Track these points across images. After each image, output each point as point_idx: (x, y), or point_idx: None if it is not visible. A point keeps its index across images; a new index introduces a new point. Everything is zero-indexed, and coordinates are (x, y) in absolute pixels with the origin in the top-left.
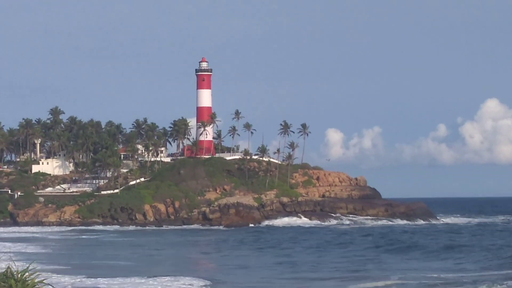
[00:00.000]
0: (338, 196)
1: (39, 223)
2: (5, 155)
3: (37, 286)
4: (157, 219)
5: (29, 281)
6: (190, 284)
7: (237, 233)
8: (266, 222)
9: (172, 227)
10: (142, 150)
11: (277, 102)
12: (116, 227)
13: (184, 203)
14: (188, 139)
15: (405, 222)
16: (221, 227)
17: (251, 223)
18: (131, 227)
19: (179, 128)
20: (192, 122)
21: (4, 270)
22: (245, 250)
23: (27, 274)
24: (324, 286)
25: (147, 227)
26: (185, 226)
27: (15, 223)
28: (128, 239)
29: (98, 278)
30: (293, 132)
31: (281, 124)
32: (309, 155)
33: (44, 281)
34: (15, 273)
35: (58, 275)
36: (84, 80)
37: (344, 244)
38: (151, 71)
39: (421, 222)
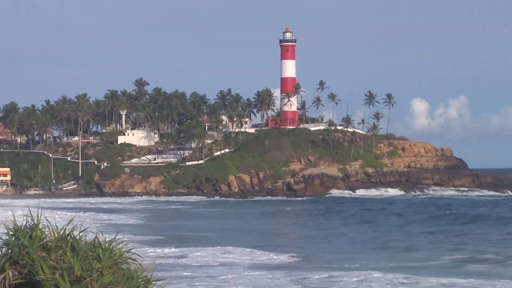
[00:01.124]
0: (423, 167)
1: (125, 194)
2: (91, 126)
3: (124, 255)
4: (241, 189)
5: (116, 251)
6: (278, 258)
7: (322, 204)
8: (351, 193)
9: (257, 198)
10: (226, 121)
11: (362, 72)
12: (201, 197)
13: (268, 173)
14: (273, 109)
15: (492, 192)
16: (305, 198)
17: (335, 194)
18: (216, 198)
19: (263, 99)
20: (276, 92)
21: (92, 240)
22: (330, 222)
23: (114, 244)
24: (416, 258)
25: (232, 198)
26: (269, 197)
27: (102, 193)
28: (213, 210)
29: (183, 248)
30: (378, 102)
31: (366, 94)
32: (394, 126)
33: (131, 251)
34: (102, 242)
35: (145, 246)
36: (169, 51)
37: (438, 216)
38: (235, 42)
39: (510, 193)
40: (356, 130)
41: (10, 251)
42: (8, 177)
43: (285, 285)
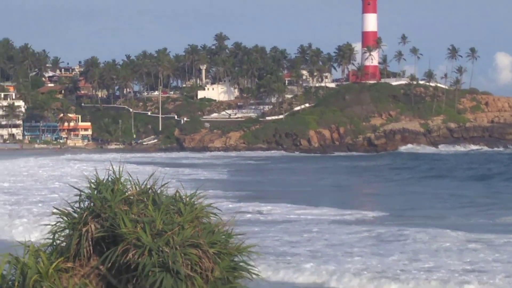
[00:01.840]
0: (507, 122)
1: (205, 149)
2: (171, 81)
3: (204, 210)
4: (321, 145)
5: (197, 205)
6: (358, 213)
7: (403, 159)
8: (433, 148)
9: (337, 153)
10: (306, 76)
11: (444, 25)
12: (281, 152)
13: (348, 129)
14: (353, 64)
15: None
16: (386, 153)
17: (417, 149)
18: (296, 153)
19: (344, 53)
20: (357, 47)
21: (173, 194)
22: (411, 177)
23: (195, 198)
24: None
25: (312, 153)
26: (349, 153)
27: (182, 148)
28: (293, 165)
29: (263, 203)
30: (461, 57)
31: (448, 49)
32: (477, 80)
33: (211, 205)
34: (183, 196)
35: (225, 200)
36: (248, 5)
37: None
38: None
39: None
40: (438, 84)
41: (92, 204)
42: (89, 132)
43: (364, 239)
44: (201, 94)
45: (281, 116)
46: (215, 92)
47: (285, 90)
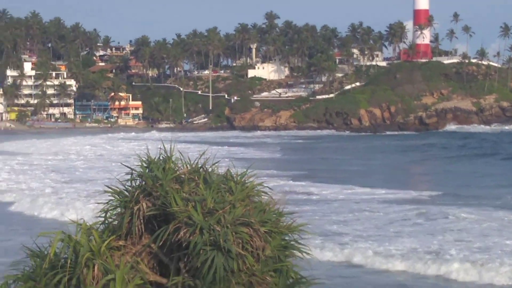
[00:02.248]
0: None
1: (255, 128)
2: (221, 60)
3: (256, 188)
4: (372, 124)
5: (248, 184)
6: (408, 193)
7: (455, 138)
8: (485, 127)
9: (388, 132)
10: (357, 54)
11: (497, 3)
12: (331, 131)
13: (399, 107)
14: (404, 42)
15: None
16: (437, 132)
17: (469, 128)
18: (346, 132)
19: (395, 32)
20: (409, 25)
21: (224, 172)
22: (466, 156)
23: (246, 176)
24: None
25: (362, 133)
26: (400, 132)
27: (232, 127)
28: (343, 144)
29: (314, 183)
30: None
31: (501, 27)
32: None
33: (262, 184)
34: (234, 175)
35: (276, 179)
36: None
37: None
38: None
39: None
40: (490, 63)
41: (144, 183)
42: (140, 111)
43: (414, 219)
44: (251, 73)
45: (331, 95)
46: (265, 71)
47: (336, 69)
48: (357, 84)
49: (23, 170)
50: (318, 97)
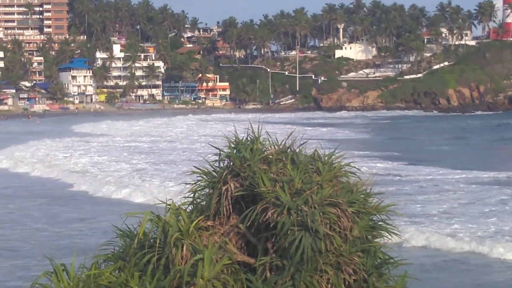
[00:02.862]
0: None
1: (342, 108)
2: (308, 41)
3: (343, 169)
4: (461, 103)
5: (336, 164)
6: (496, 175)
7: None
8: None
9: (477, 112)
10: (446, 34)
11: None
12: (419, 112)
13: (489, 87)
14: (494, 21)
15: None
16: None
17: None
18: (434, 112)
19: (485, 11)
20: (498, 3)
21: (311, 153)
22: None
23: (333, 157)
24: None
25: (451, 113)
26: (490, 112)
27: (319, 107)
28: (431, 124)
29: (402, 163)
30: None
31: None
32: None
33: (350, 164)
34: (322, 156)
35: (363, 159)
36: None
37: None
38: None
39: None
40: None
41: (232, 163)
42: (227, 92)
43: (503, 201)
44: (338, 53)
45: (419, 75)
46: (352, 51)
47: (424, 49)
48: (446, 63)
49: (109, 151)
50: (405, 77)
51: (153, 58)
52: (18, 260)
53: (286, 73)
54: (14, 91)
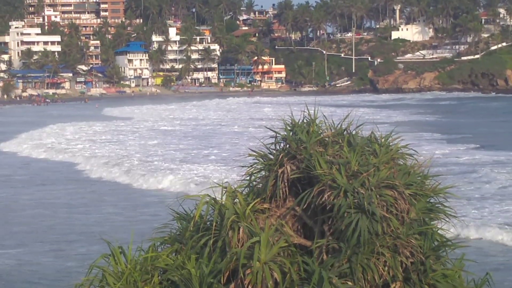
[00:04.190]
0: None
1: (398, 90)
2: (364, 22)
3: (400, 151)
4: None
5: (393, 146)
6: None
7: None
8: None
9: None
10: (504, 14)
11: None
12: (476, 93)
13: None
14: None
15: None
16: None
17: None
18: (492, 94)
19: None
20: None
21: (368, 135)
22: None
23: (390, 139)
24: None
25: (509, 94)
26: None
27: (375, 90)
28: (490, 105)
29: (463, 146)
30: None
31: None
32: None
33: (407, 146)
34: (378, 138)
35: (420, 141)
36: None
37: None
38: None
39: None
40: None
41: (288, 146)
42: (283, 74)
43: None
44: (395, 34)
45: (477, 56)
46: (409, 32)
47: (481, 29)
48: (504, 44)
49: (166, 134)
50: (463, 58)
51: (209, 41)
52: (94, 245)
53: (342, 55)
54: (71, 75)
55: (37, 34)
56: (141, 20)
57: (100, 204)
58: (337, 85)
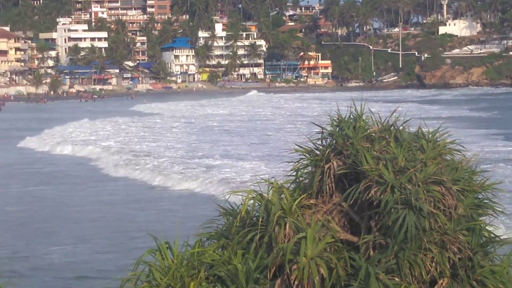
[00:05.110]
0: None
1: (446, 85)
2: (411, 17)
3: (447, 146)
4: None
5: (440, 142)
6: None
7: None
8: None
9: None
10: None
11: None
12: None
13: None
14: None
15: None
16: None
17: None
18: None
19: None
20: None
21: (415, 131)
22: None
23: (438, 134)
24: None
25: None
26: None
27: (422, 85)
28: None
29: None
30: None
31: None
32: None
33: (455, 141)
34: (426, 133)
35: (468, 137)
36: None
37: None
38: None
39: None
40: None
41: (334, 141)
42: (329, 70)
43: None
44: (442, 29)
45: None
46: (456, 27)
47: None
48: None
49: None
50: (511, 53)
51: (255, 36)
52: (153, 242)
53: (389, 50)
54: (118, 71)
55: (84, 30)
56: (187, 16)
57: (157, 201)
58: (383, 81)
